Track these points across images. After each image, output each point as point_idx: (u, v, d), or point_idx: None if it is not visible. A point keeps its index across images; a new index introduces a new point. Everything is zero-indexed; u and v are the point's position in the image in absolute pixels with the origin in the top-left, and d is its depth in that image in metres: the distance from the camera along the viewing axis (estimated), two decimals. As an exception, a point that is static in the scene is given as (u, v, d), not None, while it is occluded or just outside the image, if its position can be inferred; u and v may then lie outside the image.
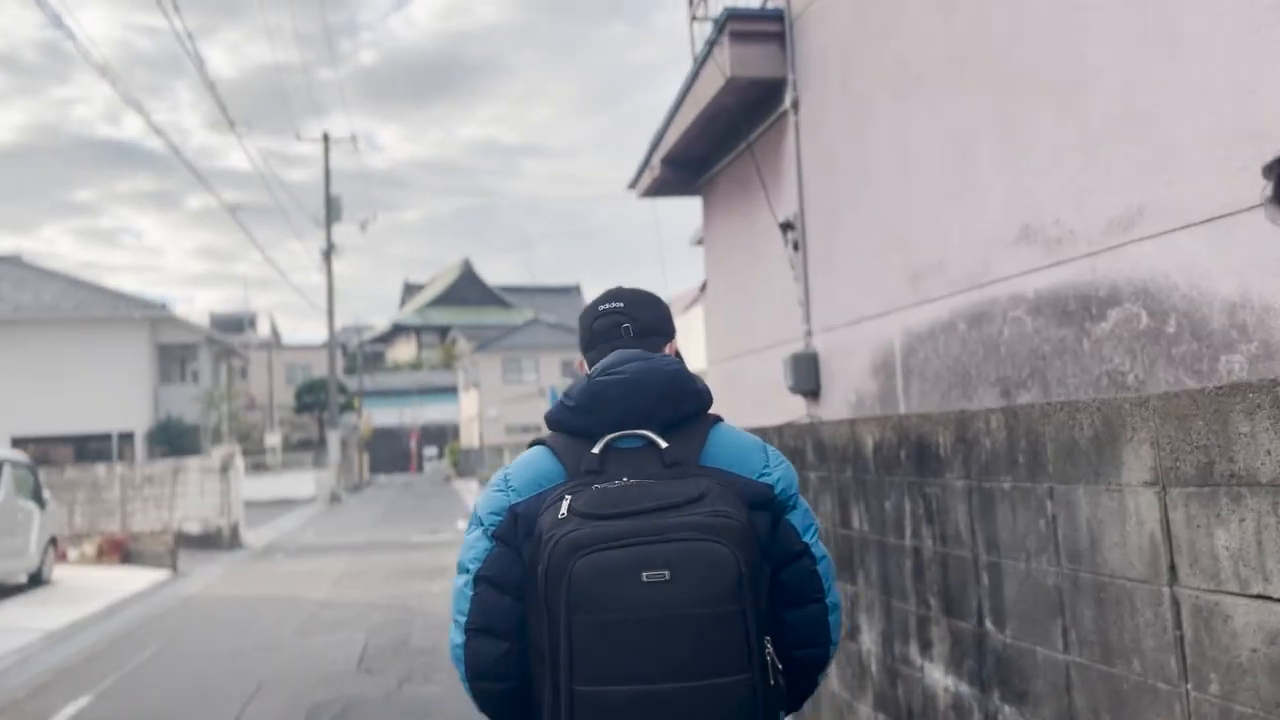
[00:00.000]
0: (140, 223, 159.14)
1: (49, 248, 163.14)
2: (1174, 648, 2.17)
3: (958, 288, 4.61)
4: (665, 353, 1.82)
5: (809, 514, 1.76)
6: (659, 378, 1.67)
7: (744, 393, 8.28)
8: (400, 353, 68.74)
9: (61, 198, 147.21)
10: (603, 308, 1.87)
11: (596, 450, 1.63)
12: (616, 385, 1.65)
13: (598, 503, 1.53)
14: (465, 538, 1.73)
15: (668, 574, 1.45)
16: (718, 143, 8.25)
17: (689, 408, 1.70)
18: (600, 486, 1.56)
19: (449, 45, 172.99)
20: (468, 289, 67.81)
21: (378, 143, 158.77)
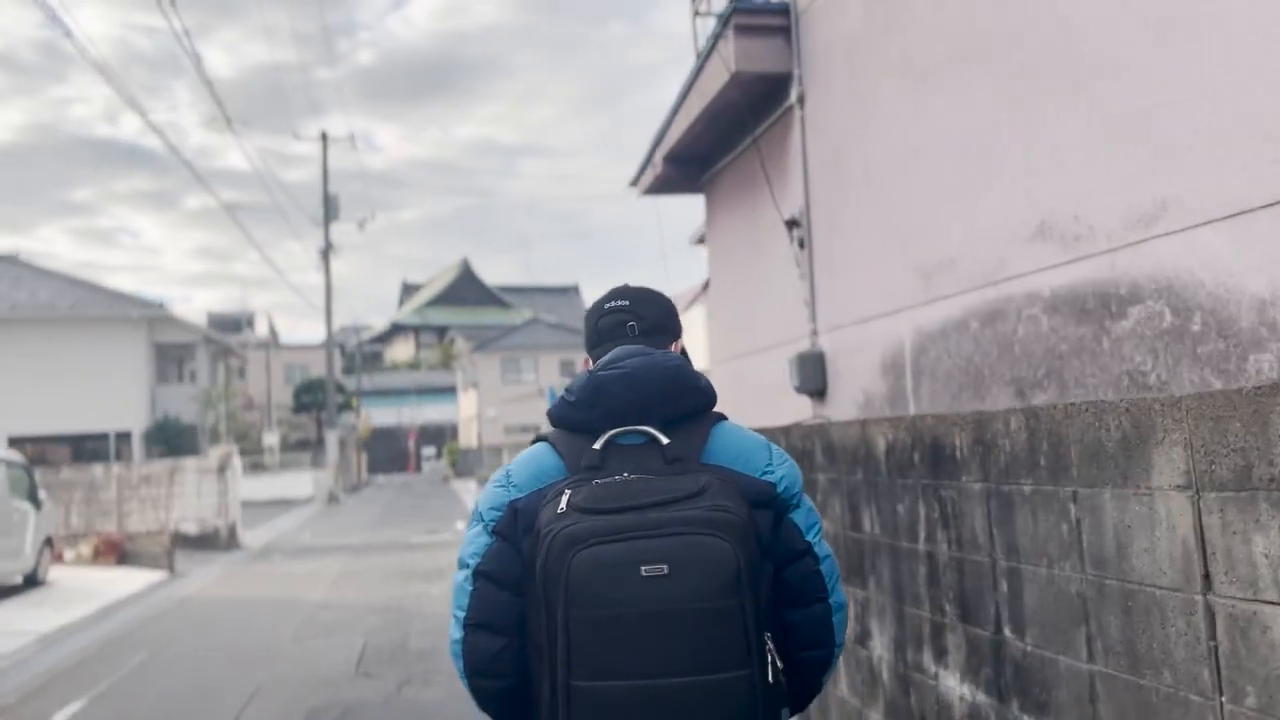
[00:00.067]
0: (138, 222, 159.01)
1: (46, 247, 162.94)
2: (1208, 659, 2.09)
3: (970, 285, 4.53)
4: (671, 351, 1.81)
5: (812, 513, 1.75)
6: (660, 372, 1.66)
7: (748, 393, 8.20)
8: (398, 352, 68.76)
9: (59, 197, 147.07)
10: (608, 306, 1.86)
11: (598, 446, 1.63)
12: (618, 380, 1.65)
13: (597, 497, 1.52)
14: (466, 533, 1.73)
15: (666, 568, 1.45)
16: (721, 139, 8.18)
17: (690, 403, 1.69)
18: (600, 481, 1.56)
19: (447, 45, 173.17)
20: (466, 289, 67.85)
21: (376, 142, 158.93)
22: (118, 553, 15.49)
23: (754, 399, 8.02)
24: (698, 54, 7.56)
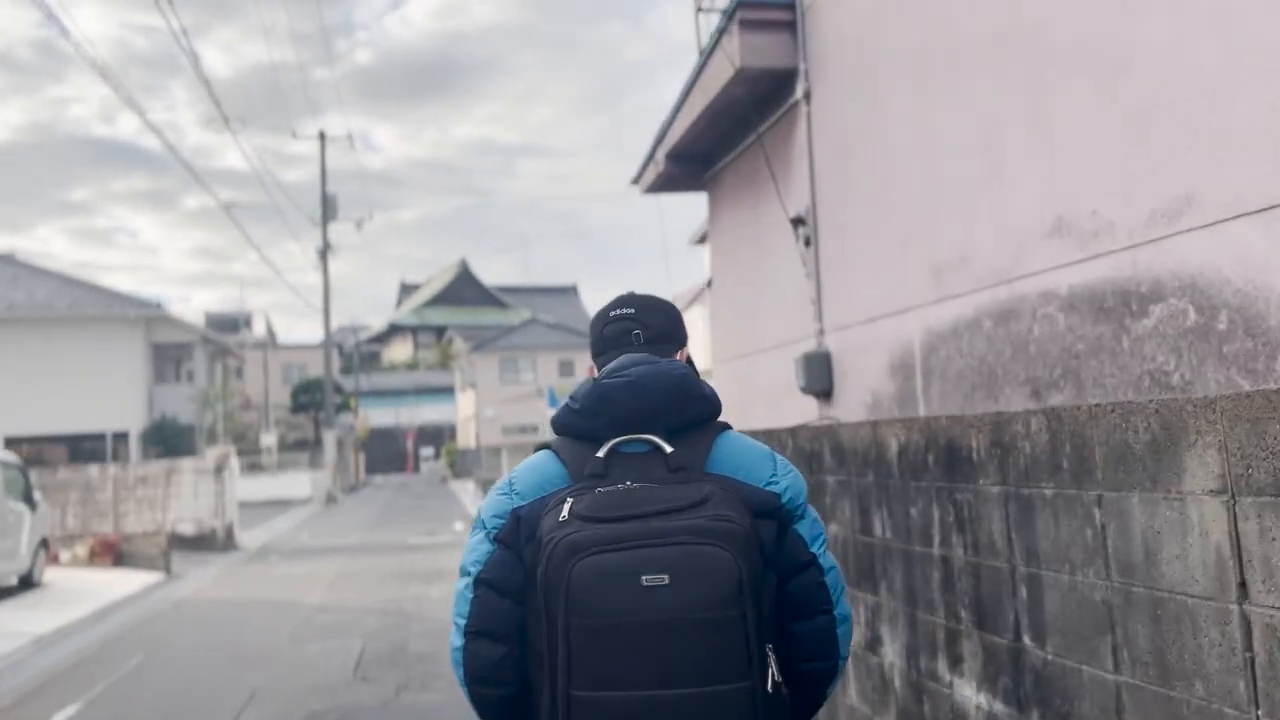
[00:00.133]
0: (135, 222, 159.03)
1: (43, 247, 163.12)
2: (1243, 670, 2.02)
3: (983, 283, 4.44)
4: (676, 359, 1.80)
5: (817, 524, 1.74)
6: (665, 381, 1.66)
7: (752, 393, 8.11)
8: (397, 353, 68.70)
9: (56, 197, 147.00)
10: (614, 314, 1.86)
11: (601, 454, 1.63)
12: (622, 388, 1.65)
13: (599, 506, 1.52)
14: (468, 540, 1.73)
15: (667, 578, 1.45)
16: (725, 136, 8.10)
17: (695, 412, 1.69)
18: (603, 489, 1.56)
19: (445, 45, 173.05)
20: (464, 289, 67.82)
21: (374, 142, 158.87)
22: (114, 554, 15.43)
23: (757, 399, 7.93)
24: (701, 50, 7.48)
